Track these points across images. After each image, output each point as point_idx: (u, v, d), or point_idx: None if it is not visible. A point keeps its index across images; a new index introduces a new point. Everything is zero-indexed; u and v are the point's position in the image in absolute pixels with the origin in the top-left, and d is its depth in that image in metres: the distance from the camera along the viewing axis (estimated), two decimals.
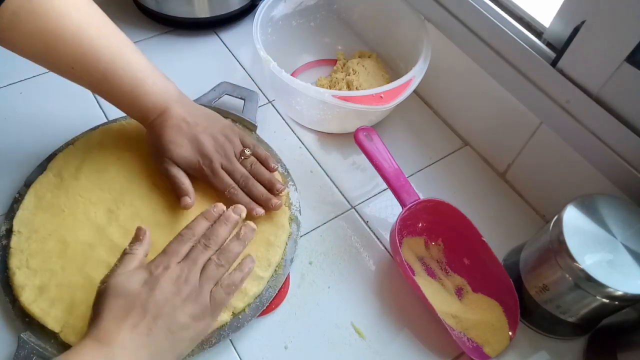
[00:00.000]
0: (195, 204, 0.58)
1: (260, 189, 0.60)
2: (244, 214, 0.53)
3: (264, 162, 0.62)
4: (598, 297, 0.48)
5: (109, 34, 0.56)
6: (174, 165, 0.58)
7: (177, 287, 0.46)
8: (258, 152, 0.62)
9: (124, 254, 0.49)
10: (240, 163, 0.60)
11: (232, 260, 0.50)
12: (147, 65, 0.58)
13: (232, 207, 0.53)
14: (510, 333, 0.55)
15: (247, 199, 0.59)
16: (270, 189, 0.60)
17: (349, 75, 0.74)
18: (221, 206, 0.53)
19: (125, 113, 0.60)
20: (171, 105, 0.58)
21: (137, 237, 0.51)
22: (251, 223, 0.52)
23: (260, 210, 0.58)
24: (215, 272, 0.49)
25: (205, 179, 0.59)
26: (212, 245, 0.50)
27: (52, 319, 0.51)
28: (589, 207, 0.50)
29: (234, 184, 0.59)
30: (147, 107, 0.58)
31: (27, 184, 0.60)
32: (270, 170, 0.62)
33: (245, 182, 0.59)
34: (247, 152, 0.61)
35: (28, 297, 0.51)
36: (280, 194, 0.60)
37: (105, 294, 0.45)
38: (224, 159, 0.59)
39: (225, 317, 0.52)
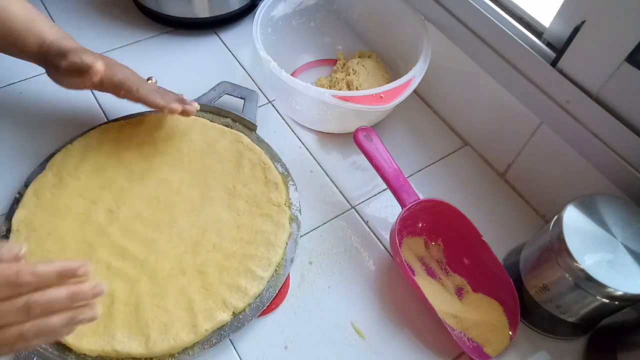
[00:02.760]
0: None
1: None
2: (102, 293, 0.41)
3: None
4: (598, 297, 0.48)
5: None
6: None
7: None
8: None
9: None
10: None
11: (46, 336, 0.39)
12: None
13: (96, 285, 0.41)
14: (510, 333, 0.55)
15: None
16: None
17: (349, 75, 0.74)
18: (88, 268, 0.40)
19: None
20: None
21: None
22: (98, 310, 0.41)
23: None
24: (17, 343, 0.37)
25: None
26: (34, 312, 0.38)
27: None
28: (589, 207, 0.50)
29: None
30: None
31: (27, 184, 0.60)
32: None
33: None
34: None
35: None
36: None
37: None
38: None
39: (225, 317, 0.52)
